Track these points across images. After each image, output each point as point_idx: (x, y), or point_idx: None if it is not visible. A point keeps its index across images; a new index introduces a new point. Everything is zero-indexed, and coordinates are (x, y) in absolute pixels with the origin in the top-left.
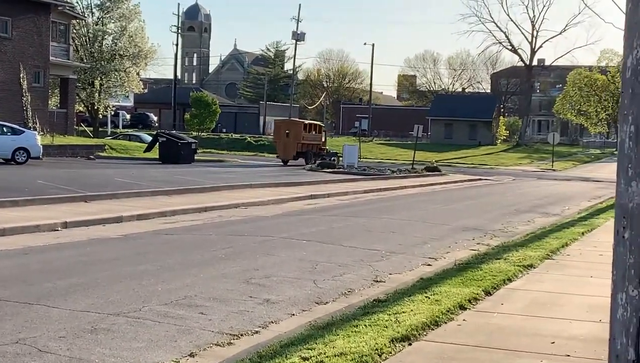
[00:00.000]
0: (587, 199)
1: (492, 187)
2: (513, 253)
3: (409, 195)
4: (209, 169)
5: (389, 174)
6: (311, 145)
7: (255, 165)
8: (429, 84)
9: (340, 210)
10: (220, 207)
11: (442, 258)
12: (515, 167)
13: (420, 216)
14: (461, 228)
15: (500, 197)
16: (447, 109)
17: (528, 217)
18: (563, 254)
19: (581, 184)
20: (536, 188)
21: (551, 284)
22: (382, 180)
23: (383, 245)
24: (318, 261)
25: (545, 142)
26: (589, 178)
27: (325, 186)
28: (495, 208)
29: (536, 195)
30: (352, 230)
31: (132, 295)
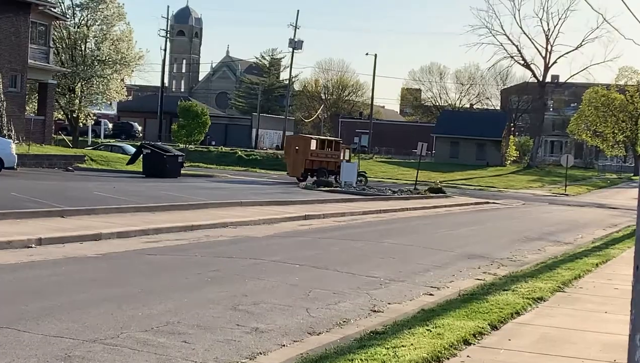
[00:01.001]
0: (602, 227)
1: (500, 212)
2: (522, 285)
3: (410, 218)
4: (196, 184)
5: (390, 194)
6: (325, 163)
7: (247, 182)
8: (435, 99)
9: (336, 232)
10: (207, 225)
11: (445, 287)
12: (525, 190)
13: (422, 241)
14: (466, 256)
15: (509, 222)
16: (454, 126)
17: (538, 245)
18: (575, 287)
19: (596, 211)
20: (547, 214)
21: (562, 319)
22: (383, 201)
23: (382, 272)
24: (312, 287)
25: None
26: (604, 204)
27: (320, 206)
28: (503, 235)
29: (547, 221)
30: (348, 255)
31: (110, 319)
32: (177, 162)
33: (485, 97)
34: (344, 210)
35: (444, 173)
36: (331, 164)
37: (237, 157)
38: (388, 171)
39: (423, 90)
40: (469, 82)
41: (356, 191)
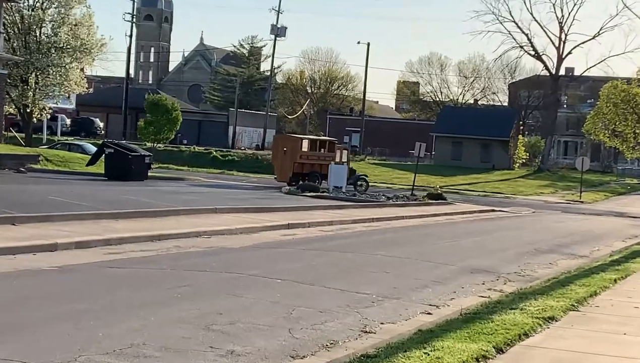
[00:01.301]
0: (621, 239)
1: (507, 221)
2: (531, 303)
3: (407, 228)
4: (165, 188)
5: (384, 200)
6: (318, 166)
7: (223, 186)
8: (435, 94)
9: (323, 243)
10: (177, 235)
11: (445, 305)
12: (535, 196)
13: (420, 253)
14: (469, 270)
15: (517, 232)
16: (456, 124)
17: (550, 258)
18: (591, 305)
19: (614, 220)
20: (560, 224)
21: (576, 341)
22: (376, 208)
23: (374, 288)
24: (295, 305)
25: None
26: (623, 213)
27: (305, 213)
28: (510, 247)
29: (560, 231)
30: (337, 269)
31: (66, 340)
32: (144, 163)
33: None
34: (332, 219)
35: (444, 177)
36: (325, 167)
37: (211, 158)
38: (382, 174)
39: (421, 84)
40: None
41: (346, 197)
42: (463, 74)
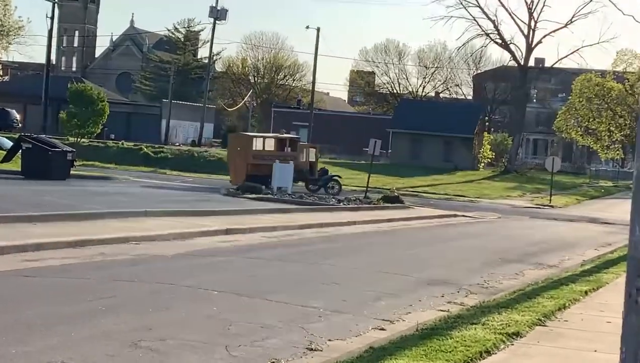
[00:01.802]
0: (593, 247)
1: (470, 227)
2: (494, 317)
3: (359, 234)
4: (90, 189)
5: (335, 203)
6: (269, 167)
7: (155, 186)
8: (392, 85)
9: (266, 251)
10: (103, 241)
11: (400, 320)
12: (501, 200)
13: (373, 263)
14: (427, 281)
15: (481, 240)
16: (415, 120)
17: (516, 268)
18: (559, 319)
19: (587, 227)
20: (528, 230)
21: (542, 359)
22: (325, 213)
23: (322, 301)
24: (233, 320)
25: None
26: (597, 218)
27: (247, 218)
28: (473, 256)
29: (528, 239)
30: (281, 279)
31: None
32: (66, 160)
33: (455, 83)
34: (276, 224)
35: (402, 177)
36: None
37: (142, 155)
38: None
39: (377, 74)
40: (434, 65)
41: (292, 200)
42: (423, 63)
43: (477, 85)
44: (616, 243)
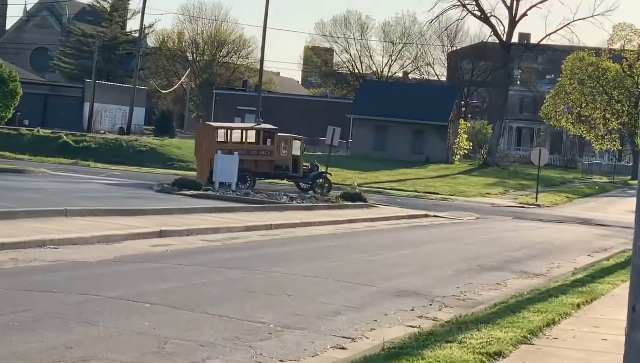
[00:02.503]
0: (586, 252)
1: (444, 229)
2: (472, 334)
3: (315, 237)
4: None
5: (286, 201)
6: (251, 163)
7: (76, 180)
8: (353, 64)
9: (206, 256)
10: (14, 244)
11: (362, 337)
12: (480, 198)
13: (331, 271)
14: (394, 292)
15: (457, 244)
16: (380, 104)
17: (497, 277)
18: (548, 337)
19: (579, 229)
20: (511, 233)
21: None
22: (275, 212)
23: (271, 315)
24: (168, 337)
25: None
26: (590, 219)
27: (184, 218)
28: (447, 263)
29: (511, 243)
30: (223, 290)
31: None
32: None
33: (426, 62)
34: (218, 225)
35: (364, 172)
36: (261, 164)
37: (61, 144)
38: None
39: (336, 51)
40: (402, 40)
41: (237, 197)
42: (389, 39)
43: (452, 65)
44: (613, 249)
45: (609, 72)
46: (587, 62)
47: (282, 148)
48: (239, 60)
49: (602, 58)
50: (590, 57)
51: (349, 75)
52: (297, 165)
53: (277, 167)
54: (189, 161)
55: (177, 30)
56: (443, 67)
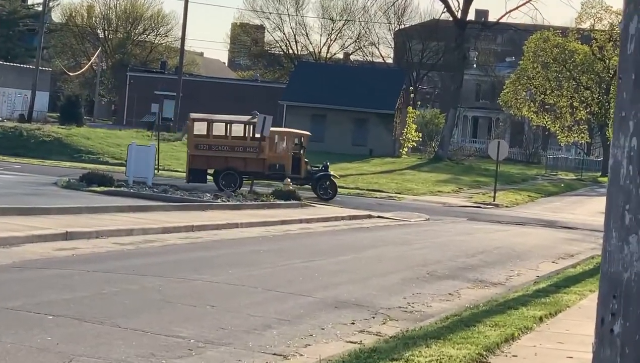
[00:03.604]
0: (550, 259)
1: (390, 232)
2: (421, 351)
3: (243, 241)
4: None
5: (210, 199)
6: (239, 161)
7: None
8: (287, 44)
9: (118, 262)
10: None
11: (296, 355)
12: (431, 197)
13: (261, 279)
14: (332, 303)
15: (404, 249)
16: (317, 89)
17: (450, 286)
18: (506, 354)
19: (542, 232)
20: (466, 237)
21: None
22: (197, 211)
23: (192, 329)
24: (74, 354)
25: (485, 156)
26: (555, 222)
27: (93, 218)
28: (393, 270)
29: (465, 248)
30: (137, 300)
31: None
32: None
33: (370, 42)
34: (132, 226)
35: None
36: (252, 162)
37: None
38: None
39: (268, 29)
40: (343, 17)
41: (154, 194)
42: (328, 15)
43: (400, 45)
44: (580, 254)
45: (577, 54)
46: (553, 43)
47: (276, 144)
48: (157, 39)
49: (570, 39)
50: (556, 38)
51: (282, 56)
52: (297, 165)
53: (270, 167)
54: (99, 153)
55: (87, 4)
56: (389, 48)
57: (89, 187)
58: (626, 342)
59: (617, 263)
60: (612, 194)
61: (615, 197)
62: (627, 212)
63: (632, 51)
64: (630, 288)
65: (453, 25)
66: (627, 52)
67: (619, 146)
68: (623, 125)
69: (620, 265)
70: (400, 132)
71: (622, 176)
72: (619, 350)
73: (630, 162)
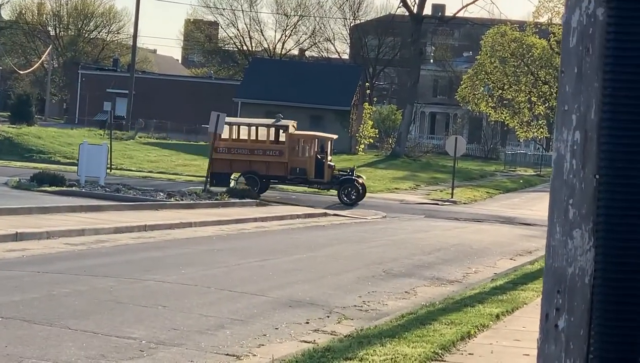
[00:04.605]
0: (508, 256)
1: (345, 229)
2: (376, 350)
3: (196, 240)
4: None
5: (164, 198)
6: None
7: None
8: (242, 40)
9: (69, 262)
10: None
11: (249, 355)
12: (388, 194)
13: (214, 278)
14: (286, 303)
15: (359, 247)
16: (272, 86)
17: (406, 284)
18: (462, 352)
19: (500, 229)
20: (422, 234)
21: None
22: (150, 211)
23: (144, 330)
24: (23, 356)
25: (442, 153)
26: (513, 218)
27: (44, 218)
28: (348, 269)
29: (422, 246)
30: (88, 301)
31: None
32: None
33: (325, 38)
34: (83, 226)
35: None
36: (274, 166)
37: None
38: (161, 160)
39: (222, 25)
40: (298, 12)
41: (106, 194)
42: (283, 10)
43: (356, 41)
44: (538, 251)
45: (535, 49)
46: (510, 37)
47: (298, 148)
48: (109, 36)
49: (527, 33)
50: (514, 32)
51: (236, 52)
52: (321, 168)
53: (292, 171)
54: (50, 153)
55: (37, 1)
56: (345, 44)
57: (40, 187)
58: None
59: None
60: (556, 188)
61: (559, 191)
62: (571, 207)
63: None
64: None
65: (409, 20)
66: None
67: (562, 140)
68: (566, 118)
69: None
70: (356, 128)
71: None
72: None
73: (574, 156)
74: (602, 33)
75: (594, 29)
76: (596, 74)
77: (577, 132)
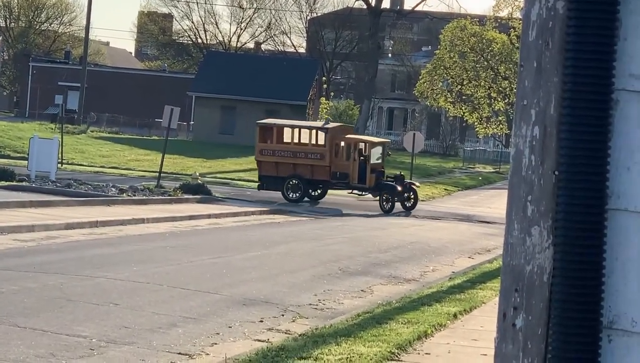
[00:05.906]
0: (467, 254)
1: (301, 226)
2: (331, 349)
3: (149, 237)
4: None
5: (115, 194)
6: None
7: None
8: (196, 33)
9: (18, 259)
10: None
11: (202, 354)
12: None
13: (166, 276)
14: (240, 301)
15: (315, 245)
16: (227, 80)
17: (362, 282)
18: (419, 352)
19: (458, 227)
20: (379, 232)
21: None
22: (102, 207)
23: (94, 328)
24: None
25: (400, 149)
26: (472, 216)
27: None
28: (304, 266)
29: (378, 243)
30: (38, 298)
31: None
32: None
33: (281, 31)
34: (33, 221)
35: (208, 160)
36: (318, 169)
37: None
38: (113, 155)
39: (176, 17)
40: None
41: (57, 189)
42: (238, 3)
43: (312, 34)
44: (497, 249)
45: (495, 44)
46: (470, 32)
47: (341, 151)
48: (61, 28)
49: (487, 27)
50: (473, 27)
51: (191, 46)
52: (364, 173)
53: (333, 175)
54: (0, 146)
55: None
56: (302, 37)
57: None
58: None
59: (519, 256)
60: (514, 185)
61: (517, 187)
62: (529, 203)
63: (533, 38)
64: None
65: (367, 13)
66: (528, 39)
67: (521, 135)
68: (525, 113)
69: (522, 257)
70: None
71: (525, 166)
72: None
73: (533, 152)
74: (562, 27)
75: (554, 23)
76: (556, 69)
77: (537, 127)
